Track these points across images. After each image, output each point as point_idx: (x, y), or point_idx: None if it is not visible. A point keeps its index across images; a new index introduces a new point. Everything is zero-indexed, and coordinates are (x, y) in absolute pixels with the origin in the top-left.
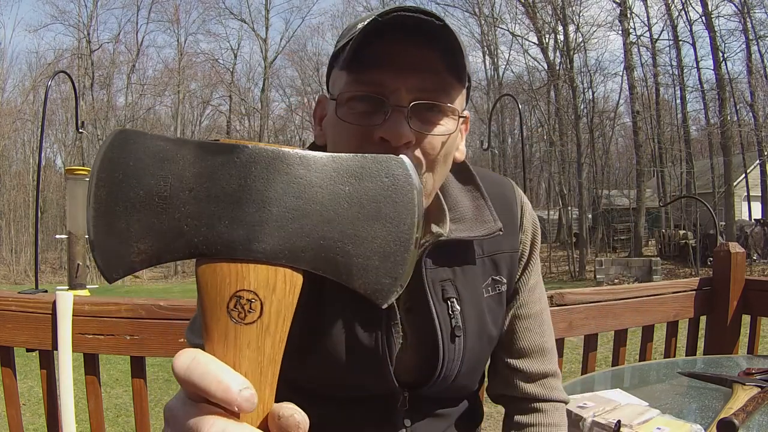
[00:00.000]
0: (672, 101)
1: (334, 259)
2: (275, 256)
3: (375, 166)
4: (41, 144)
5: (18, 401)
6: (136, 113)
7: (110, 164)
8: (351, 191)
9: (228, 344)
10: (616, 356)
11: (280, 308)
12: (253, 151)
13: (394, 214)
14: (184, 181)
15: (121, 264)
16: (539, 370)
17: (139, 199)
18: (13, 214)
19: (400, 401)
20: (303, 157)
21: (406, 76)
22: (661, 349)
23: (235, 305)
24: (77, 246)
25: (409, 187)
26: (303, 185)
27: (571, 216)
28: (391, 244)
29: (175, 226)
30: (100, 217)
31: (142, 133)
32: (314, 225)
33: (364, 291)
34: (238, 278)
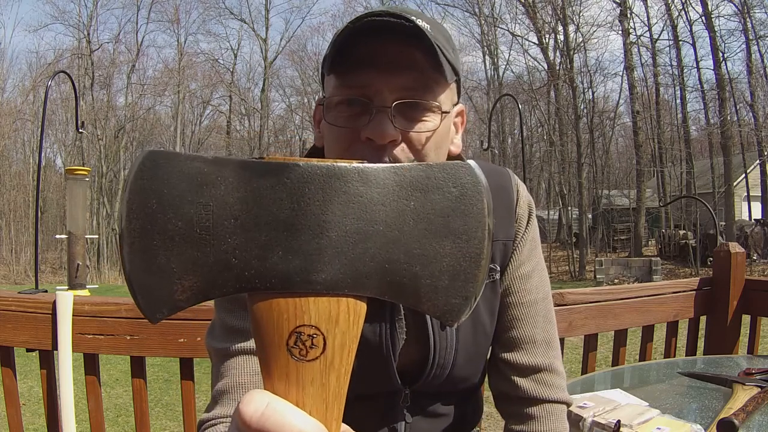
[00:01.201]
0: (672, 101)
1: (401, 283)
2: (337, 285)
3: (441, 175)
4: (41, 144)
5: (18, 401)
6: (136, 113)
7: (142, 193)
8: (416, 206)
9: (290, 382)
10: (616, 356)
11: (344, 341)
12: (306, 169)
13: (464, 228)
14: (228, 209)
15: (165, 303)
16: (530, 363)
17: (178, 231)
18: (13, 214)
19: (402, 398)
20: (361, 171)
21: (388, 77)
22: (661, 349)
23: (296, 342)
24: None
25: (479, 196)
26: (363, 204)
27: (571, 216)
28: (462, 262)
29: (221, 260)
30: (135, 253)
31: (174, 154)
32: (378, 248)
33: (433, 313)
34: (297, 313)
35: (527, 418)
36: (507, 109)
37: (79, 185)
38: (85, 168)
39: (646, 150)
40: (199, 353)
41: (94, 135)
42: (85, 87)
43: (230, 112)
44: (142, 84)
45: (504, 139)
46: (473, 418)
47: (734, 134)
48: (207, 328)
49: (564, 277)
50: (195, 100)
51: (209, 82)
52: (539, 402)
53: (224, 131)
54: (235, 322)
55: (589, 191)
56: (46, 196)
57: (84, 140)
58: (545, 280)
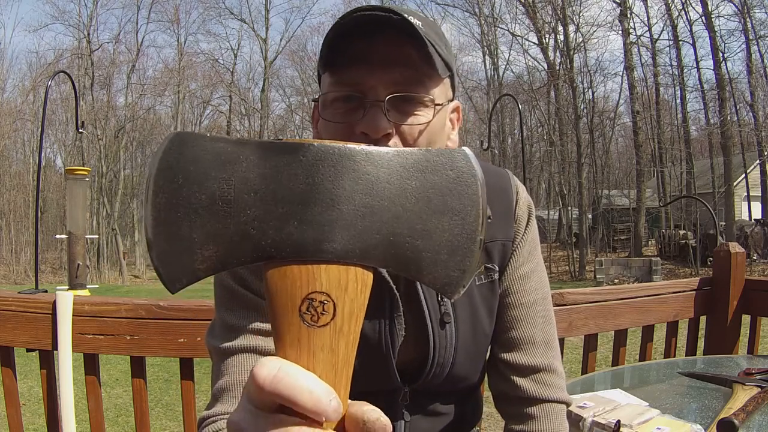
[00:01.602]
0: (672, 101)
1: (404, 255)
2: (346, 255)
3: (439, 159)
4: (41, 144)
5: (18, 401)
6: (136, 113)
7: (168, 169)
8: (417, 185)
9: (301, 348)
10: (616, 356)
11: (352, 308)
12: (320, 149)
13: (461, 206)
14: (248, 183)
15: (185, 272)
16: (529, 363)
17: (201, 204)
18: (13, 214)
19: (401, 396)
20: (369, 153)
21: (382, 72)
22: (661, 349)
23: (308, 308)
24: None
25: (473, 179)
26: (371, 182)
27: (571, 216)
28: (459, 237)
29: (241, 230)
30: (160, 225)
31: (199, 135)
32: (384, 221)
33: (433, 285)
34: (309, 280)
35: (527, 418)
36: (507, 109)
37: (79, 185)
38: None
39: (646, 150)
40: (199, 353)
41: (94, 135)
42: (85, 87)
43: (230, 112)
44: (142, 84)
45: (504, 139)
46: (473, 417)
47: (734, 134)
48: (207, 327)
49: (564, 277)
50: (195, 100)
51: (209, 82)
52: (539, 402)
53: (224, 131)
54: (235, 321)
55: (589, 191)
56: (46, 196)
57: (84, 140)
58: (544, 280)
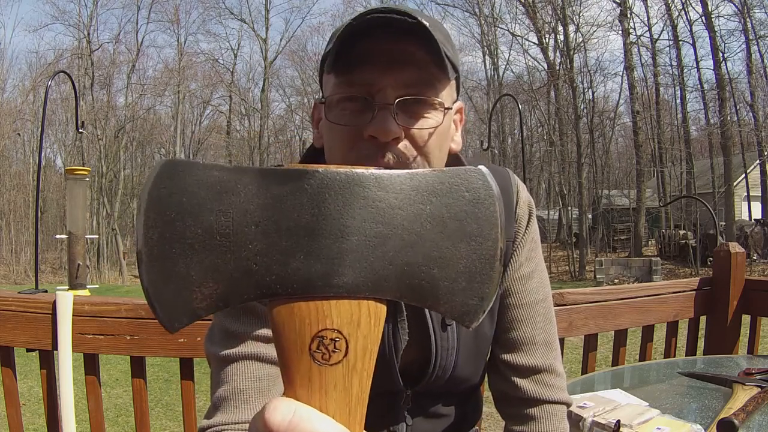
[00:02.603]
0: (672, 101)
1: (420, 285)
2: (358, 289)
3: (455, 180)
4: (41, 144)
5: (18, 401)
6: (136, 113)
7: (160, 201)
8: (432, 210)
9: (312, 388)
10: (616, 356)
11: (366, 344)
12: (325, 175)
13: (478, 230)
14: (248, 215)
15: (184, 312)
16: (529, 364)
17: (198, 239)
18: (13, 214)
19: (403, 399)
20: (379, 177)
21: (390, 74)
22: (661, 349)
23: (318, 346)
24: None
25: (491, 199)
26: (382, 209)
27: (571, 216)
28: (477, 263)
29: (242, 266)
30: (154, 262)
31: (192, 163)
32: (397, 251)
33: (450, 315)
34: (319, 317)
35: (527, 419)
36: (507, 109)
37: (79, 185)
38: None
39: (646, 150)
40: (199, 353)
41: (94, 135)
42: (85, 87)
43: (230, 112)
44: (142, 84)
45: (504, 139)
46: (473, 417)
47: (734, 134)
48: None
49: (564, 277)
50: (195, 100)
51: (209, 82)
52: (539, 403)
53: (224, 131)
54: (235, 327)
55: (589, 191)
56: (46, 196)
57: (84, 140)
58: (545, 281)
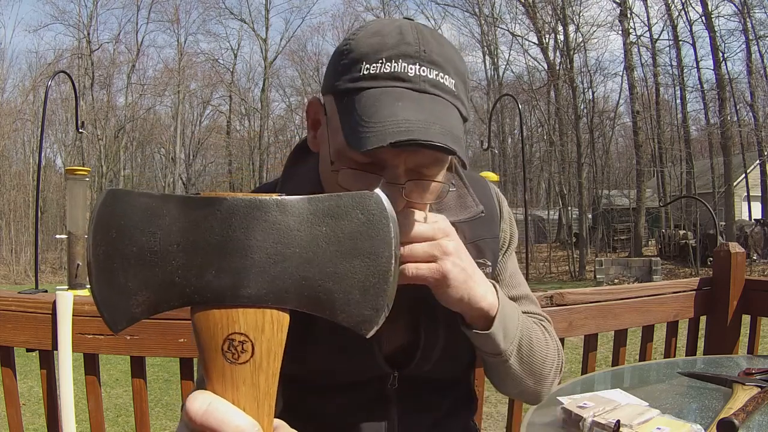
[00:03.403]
0: (672, 101)
1: (317, 297)
2: (261, 299)
3: (350, 203)
4: (41, 144)
5: (18, 401)
6: (136, 113)
7: (104, 224)
8: (328, 231)
9: (226, 382)
10: (616, 356)
11: (270, 347)
12: (231, 202)
13: (371, 248)
14: (171, 236)
15: (124, 315)
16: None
17: (133, 255)
18: (13, 214)
19: (390, 381)
20: (279, 203)
21: (407, 156)
22: (661, 349)
23: (229, 347)
24: (77, 246)
25: (385, 221)
26: (281, 230)
27: (571, 216)
28: (370, 278)
29: (167, 279)
30: (100, 274)
31: (129, 192)
32: (295, 267)
33: (348, 323)
34: (228, 323)
35: None
36: (507, 109)
37: (79, 185)
38: (85, 168)
39: (646, 150)
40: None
41: (94, 135)
42: (85, 87)
43: (230, 112)
44: (142, 84)
45: (504, 139)
46: (466, 411)
47: (734, 134)
48: None
49: (564, 277)
50: (195, 100)
51: (209, 82)
52: None
53: (224, 131)
54: None
55: (589, 191)
56: (46, 196)
57: (84, 140)
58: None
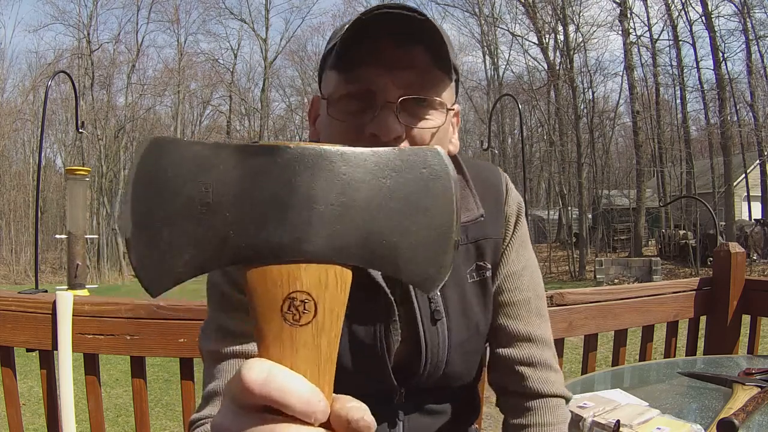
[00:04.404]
0: (672, 101)
1: (381, 253)
2: (325, 254)
3: (412, 158)
4: (41, 144)
5: (18, 401)
6: (136, 113)
7: (147, 175)
8: (392, 184)
9: (284, 347)
10: (616, 356)
11: (333, 306)
12: (296, 150)
13: (434, 205)
14: (226, 187)
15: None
16: (526, 359)
17: (180, 209)
18: (13, 214)
19: (397, 397)
20: (344, 153)
21: (394, 73)
22: (661, 349)
23: (289, 307)
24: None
25: (447, 177)
26: (347, 181)
27: (571, 216)
28: (433, 234)
29: (219, 233)
30: (140, 231)
31: (176, 140)
32: (360, 220)
33: (411, 281)
34: (290, 280)
35: (525, 411)
36: (507, 109)
37: (79, 185)
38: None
39: (646, 150)
40: (199, 353)
41: (94, 135)
42: (85, 87)
43: (230, 112)
44: (142, 84)
45: (504, 139)
46: (470, 415)
47: (734, 134)
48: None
49: (564, 277)
50: (195, 100)
51: (209, 82)
52: (537, 396)
53: (224, 131)
54: (227, 324)
55: (589, 191)
56: (46, 196)
57: (84, 140)
58: (537, 278)
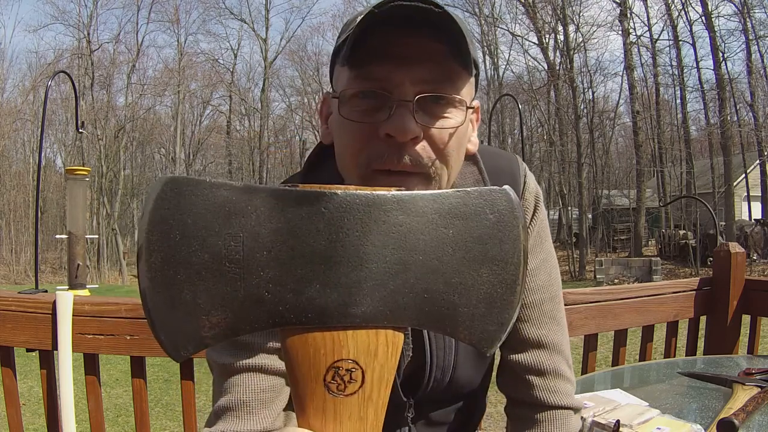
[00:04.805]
0: (672, 101)
1: (439, 312)
2: (376, 318)
3: (479, 201)
4: (41, 144)
5: (18, 401)
6: (136, 113)
7: (163, 223)
8: (455, 234)
9: (327, 418)
10: (616, 356)
11: (382, 374)
12: (344, 198)
13: (501, 254)
14: (260, 240)
15: (190, 340)
16: (535, 366)
17: (204, 265)
18: (13, 214)
19: (406, 409)
20: (401, 200)
21: (409, 68)
22: (661, 349)
23: (334, 377)
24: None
25: (515, 221)
26: (403, 234)
27: (571, 216)
28: (498, 288)
29: (253, 294)
30: (158, 288)
31: (197, 180)
32: (417, 278)
33: (468, 341)
34: (335, 348)
35: (531, 423)
36: (507, 109)
37: (79, 185)
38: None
39: (646, 150)
40: (199, 353)
41: (94, 135)
42: (85, 87)
43: (230, 112)
44: (142, 84)
45: (504, 139)
46: (475, 421)
47: (734, 134)
48: None
49: (564, 277)
50: (195, 100)
51: (209, 82)
52: (543, 407)
53: (224, 131)
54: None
55: (589, 191)
56: (46, 196)
57: (84, 140)
58: (554, 278)
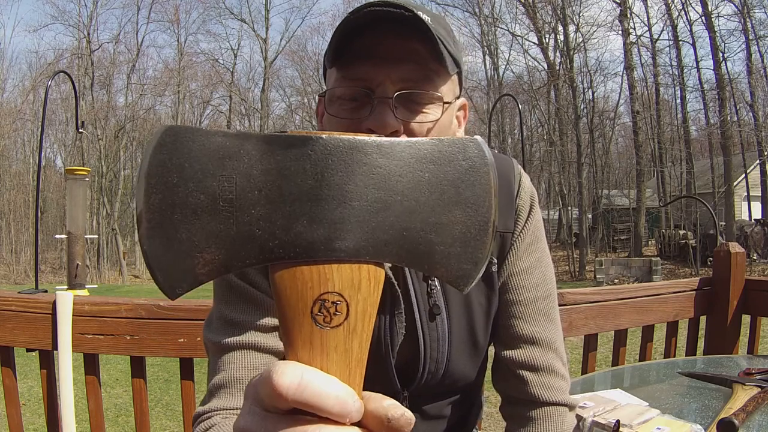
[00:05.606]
0: (672, 101)
1: (417, 250)
2: (359, 253)
3: (452, 149)
4: (41, 144)
5: (18, 401)
6: (136, 113)
7: (162, 167)
8: (430, 177)
9: (314, 350)
10: (616, 356)
11: (365, 307)
12: (329, 141)
13: (474, 197)
14: (252, 181)
15: (185, 278)
16: (530, 363)
17: (200, 205)
18: (13, 214)
19: (401, 401)
20: (380, 145)
21: (390, 68)
22: (661, 349)
23: (320, 309)
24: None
25: (486, 168)
26: (383, 175)
27: (571, 216)
28: (472, 229)
29: (245, 231)
30: (156, 228)
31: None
32: (396, 216)
33: (446, 278)
34: (321, 281)
35: (525, 420)
36: (507, 109)
37: (79, 185)
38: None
39: (646, 150)
40: (199, 353)
41: (94, 135)
42: (85, 87)
43: (230, 112)
44: (142, 84)
45: (504, 139)
46: (472, 419)
47: (734, 134)
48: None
49: (564, 277)
50: (195, 100)
51: (209, 82)
52: (538, 404)
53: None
54: (233, 315)
55: (589, 191)
56: (46, 196)
57: (84, 140)
58: (549, 277)
